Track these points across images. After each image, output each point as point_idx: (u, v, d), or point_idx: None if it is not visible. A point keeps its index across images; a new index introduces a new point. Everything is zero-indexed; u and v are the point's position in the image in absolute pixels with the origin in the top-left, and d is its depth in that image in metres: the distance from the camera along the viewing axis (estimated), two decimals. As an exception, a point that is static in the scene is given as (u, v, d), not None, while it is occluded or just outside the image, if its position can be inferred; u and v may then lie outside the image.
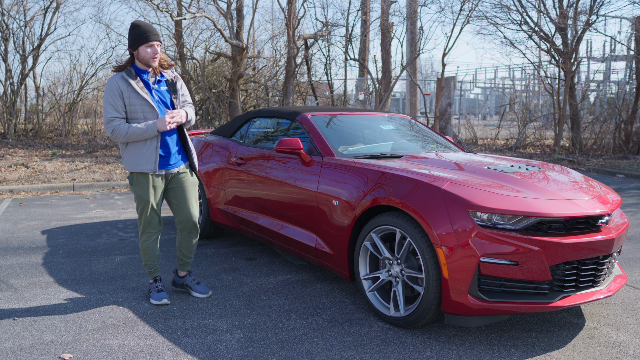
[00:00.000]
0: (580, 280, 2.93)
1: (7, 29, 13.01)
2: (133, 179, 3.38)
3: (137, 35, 3.26)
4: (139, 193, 3.38)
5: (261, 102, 15.27)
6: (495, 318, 3.00)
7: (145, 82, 3.36)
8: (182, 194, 3.50)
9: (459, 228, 2.79)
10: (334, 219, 3.51)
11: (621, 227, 3.17)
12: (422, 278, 2.95)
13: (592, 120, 15.61)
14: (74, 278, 4.05)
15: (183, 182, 3.50)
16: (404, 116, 4.99)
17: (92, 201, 7.55)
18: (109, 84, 3.27)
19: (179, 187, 3.49)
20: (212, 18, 11.76)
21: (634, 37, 14.17)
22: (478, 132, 18.18)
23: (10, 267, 4.33)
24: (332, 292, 3.76)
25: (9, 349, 2.83)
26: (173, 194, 3.51)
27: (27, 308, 3.42)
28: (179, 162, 3.48)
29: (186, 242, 3.60)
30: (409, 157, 3.74)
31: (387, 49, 15.62)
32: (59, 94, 14.24)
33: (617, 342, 2.98)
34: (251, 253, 4.78)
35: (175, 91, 3.47)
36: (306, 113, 4.30)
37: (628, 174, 10.58)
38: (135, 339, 2.97)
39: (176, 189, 3.49)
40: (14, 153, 11.01)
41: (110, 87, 3.26)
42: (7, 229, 5.72)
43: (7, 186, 8.37)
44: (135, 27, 3.29)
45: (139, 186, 3.37)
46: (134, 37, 3.27)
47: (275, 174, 4.14)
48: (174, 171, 3.47)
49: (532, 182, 3.17)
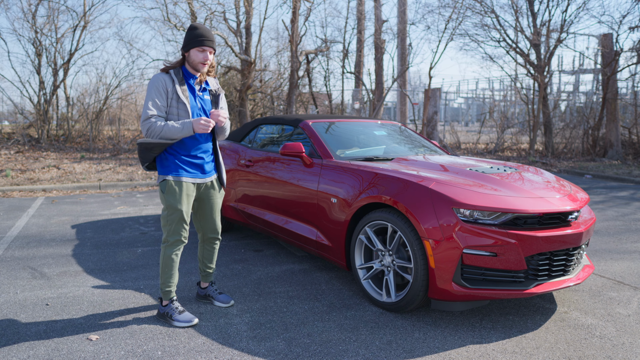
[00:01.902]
0: (552, 270, 2.93)
1: (40, 45, 13.02)
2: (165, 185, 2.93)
3: (192, 38, 2.85)
4: (170, 201, 2.91)
5: (267, 111, 15.26)
6: (477, 303, 3.01)
7: (191, 86, 2.94)
8: (210, 205, 3.11)
9: (444, 223, 2.79)
10: (333, 214, 3.51)
11: (589, 222, 3.17)
12: (411, 267, 2.95)
13: (563, 126, 15.62)
14: (100, 267, 4.05)
15: (212, 193, 3.09)
16: (395, 123, 4.98)
17: (116, 199, 7.55)
18: (155, 80, 2.82)
19: (207, 199, 3.08)
20: (224, 35, 11.76)
21: (600, 53, 14.17)
22: (461, 137, 18.16)
23: (43, 257, 4.32)
24: (330, 280, 3.76)
25: (43, 331, 2.83)
26: (200, 205, 3.10)
27: (59, 294, 3.42)
28: (211, 173, 3.07)
29: (209, 253, 3.23)
30: (400, 160, 3.74)
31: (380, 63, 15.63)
32: (87, 103, 14.24)
33: (585, 325, 2.98)
34: (258, 245, 4.77)
35: (217, 102, 3.02)
36: (308, 120, 4.30)
37: (595, 174, 10.58)
38: (155, 322, 2.97)
39: (204, 199, 3.08)
40: (46, 156, 11.00)
41: (156, 83, 2.82)
42: (40, 223, 5.71)
43: (40, 185, 8.37)
44: (193, 29, 2.87)
45: (170, 194, 2.91)
46: (189, 39, 2.86)
47: (280, 175, 4.14)
48: (207, 181, 3.05)
49: (510, 182, 3.17)
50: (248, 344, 2.68)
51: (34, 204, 7.03)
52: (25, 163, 10.08)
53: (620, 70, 13.49)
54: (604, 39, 13.64)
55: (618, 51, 13.22)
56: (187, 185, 2.92)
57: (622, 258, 4.41)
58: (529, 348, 2.67)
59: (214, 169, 3.09)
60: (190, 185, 2.94)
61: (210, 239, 3.21)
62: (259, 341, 2.72)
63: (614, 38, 13.49)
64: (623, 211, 6.58)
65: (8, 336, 2.75)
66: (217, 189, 3.12)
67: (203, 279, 3.31)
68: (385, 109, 28.32)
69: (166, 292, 2.99)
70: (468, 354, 2.59)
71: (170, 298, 3.01)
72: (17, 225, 5.59)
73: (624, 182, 9.73)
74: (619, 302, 3.35)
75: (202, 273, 3.29)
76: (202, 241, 3.24)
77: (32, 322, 2.95)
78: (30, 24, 12.88)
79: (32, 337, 2.74)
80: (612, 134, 13.62)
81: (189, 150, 2.92)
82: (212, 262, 3.27)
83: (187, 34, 2.89)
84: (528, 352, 2.62)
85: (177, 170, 2.90)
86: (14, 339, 2.72)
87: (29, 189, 8.17)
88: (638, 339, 2.79)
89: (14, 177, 8.92)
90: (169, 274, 2.97)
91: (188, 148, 2.92)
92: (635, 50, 13.25)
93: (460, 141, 16.04)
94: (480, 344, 2.71)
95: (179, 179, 2.89)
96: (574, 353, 2.62)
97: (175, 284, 3.01)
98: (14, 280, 3.70)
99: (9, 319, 2.98)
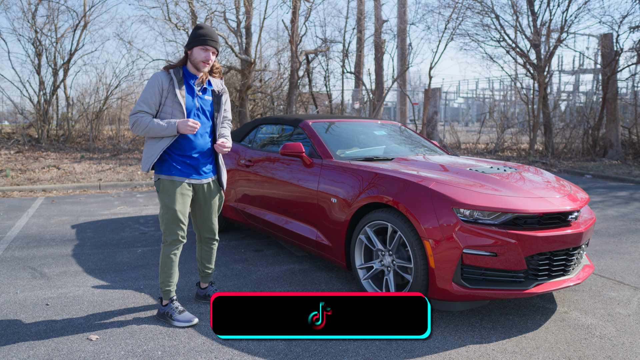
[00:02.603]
0: (552, 270, 2.93)
1: (40, 45, 13.01)
2: (159, 185, 2.95)
3: (196, 36, 2.86)
4: (164, 200, 2.92)
5: (267, 111, 15.25)
6: (477, 303, 3.01)
7: (191, 86, 2.94)
8: (207, 206, 3.10)
9: (444, 223, 2.79)
10: (333, 214, 3.51)
11: (589, 222, 3.17)
12: (411, 267, 2.94)
13: (563, 126, 15.62)
14: (100, 267, 4.05)
15: (209, 195, 3.08)
16: (394, 123, 4.98)
17: (116, 199, 7.55)
18: (153, 78, 2.86)
19: (204, 200, 3.07)
20: (224, 35, 11.77)
21: (600, 53, 14.17)
22: (461, 137, 18.16)
23: (43, 257, 4.32)
24: (330, 280, 3.76)
25: (43, 331, 2.83)
26: (197, 205, 3.09)
27: (59, 294, 3.42)
28: (209, 174, 3.06)
29: (207, 253, 3.23)
30: (400, 160, 3.74)
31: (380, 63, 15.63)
32: (87, 103, 14.23)
33: (585, 325, 2.98)
34: (258, 245, 4.77)
35: (219, 104, 3.03)
36: (308, 120, 4.30)
37: (595, 174, 10.58)
38: (154, 321, 2.97)
39: (201, 200, 3.07)
40: (46, 156, 11.00)
41: (152, 81, 2.85)
42: (40, 223, 5.71)
43: (40, 185, 8.37)
44: (198, 28, 2.89)
45: (164, 193, 2.92)
46: (193, 37, 2.87)
47: (280, 175, 4.14)
48: (204, 182, 3.04)
49: (510, 182, 3.17)
50: (248, 344, 2.68)
51: (34, 204, 7.03)
52: (25, 163, 10.08)
53: (620, 70, 13.49)
54: (604, 39, 13.65)
55: (618, 51, 13.22)
56: (180, 185, 2.92)
57: (622, 258, 4.41)
58: (529, 348, 2.67)
59: (212, 170, 3.08)
60: (185, 184, 2.94)
61: (207, 240, 3.21)
62: (259, 341, 2.72)
63: (614, 38, 13.49)
64: (623, 211, 6.58)
65: (8, 336, 2.76)
66: (216, 190, 3.12)
67: (202, 280, 3.31)
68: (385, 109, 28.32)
69: (166, 292, 2.99)
70: (468, 354, 2.59)
71: (170, 298, 3.00)
72: (17, 225, 5.59)
73: (624, 182, 9.73)
74: (619, 302, 3.35)
75: (201, 273, 3.29)
76: (199, 241, 3.24)
77: (32, 322, 2.95)
78: (30, 24, 12.88)
79: (32, 337, 2.74)
80: (612, 134, 13.62)
81: (184, 150, 2.93)
82: (211, 262, 3.27)
83: (192, 33, 2.92)
84: (528, 352, 2.62)
85: (170, 170, 2.92)
86: (14, 339, 2.72)
87: (29, 189, 8.17)
88: (638, 339, 2.79)
89: (14, 177, 8.92)
90: (168, 273, 2.96)
91: (183, 148, 2.93)
92: (635, 50, 13.26)
93: (460, 141, 16.04)
94: (480, 344, 2.71)
95: (171, 178, 2.91)
96: (574, 353, 2.62)
97: (174, 284, 3.01)
98: (14, 280, 3.70)
99: (9, 319, 2.98)
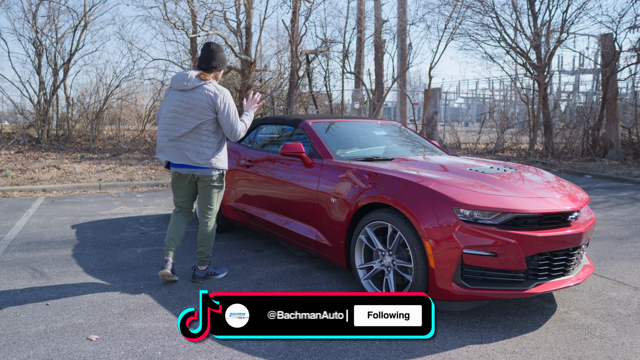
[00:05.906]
0: (552, 270, 2.93)
1: (40, 45, 13.01)
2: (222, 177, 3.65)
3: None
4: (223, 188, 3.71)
5: (267, 111, 15.26)
6: (477, 303, 3.01)
7: None
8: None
9: (444, 223, 2.79)
10: (333, 215, 3.51)
11: (589, 222, 3.17)
12: (411, 268, 2.95)
13: (563, 126, 15.62)
14: (100, 268, 4.05)
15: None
16: (395, 123, 4.98)
17: (116, 199, 7.55)
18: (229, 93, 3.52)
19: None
20: (224, 35, 11.78)
21: (600, 53, 14.17)
22: (461, 137, 18.16)
23: (43, 257, 4.32)
24: (330, 280, 3.76)
25: (42, 331, 2.83)
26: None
27: (59, 294, 3.42)
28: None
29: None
30: (400, 160, 3.74)
31: (380, 63, 15.63)
32: (87, 103, 14.23)
33: (585, 325, 2.98)
34: (259, 245, 4.77)
35: None
36: (308, 120, 4.30)
37: (595, 174, 10.58)
38: (155, 322, 2.97)
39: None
40: (46, 156, 11.00)
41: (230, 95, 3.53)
42: (40, 223, 5.71)
43: (40, 185, 8.37)
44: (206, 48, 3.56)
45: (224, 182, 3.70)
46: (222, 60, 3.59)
47: (280, 175, 4.14)
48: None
49: (510, 182, 3.17)
50: (248, 344, 2.68)
51: (34, 204, 7.03)
52: (25, 163, 10.08)
53: (620, 70, 13.49)
54: (603, 39, 13.64)
55: (618, 51, 13.22)
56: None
57: (622, 258, 4.41)
58: (529, 348, 2.67)
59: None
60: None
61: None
62: (259, 341, 2.72)
63: (613, 38, 13.49)
64: (623, 211, 6.58)
65: (8, 336, 2.75)
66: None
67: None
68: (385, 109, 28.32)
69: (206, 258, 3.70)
70: (468, 354, 2.59)
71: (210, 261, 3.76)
72: (17, 226, 5.59)
73: (624, 182, 9.73)
74: (619, 302, 3.35)
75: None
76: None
77: (32, 322, 2.95)
78: (30, 24, 12.88)
79: (32, 337, 2.74)
80: (612, 134, 13.62)
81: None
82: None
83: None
84: (528, 352, 2.62)
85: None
86: (14, 339, 2.72)
87: (29, 189, 8.17)
88: (638, 339, 2.79)
89: (14, 177, 8.92)
90: (212, 244, 3.79)
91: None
92: (634, 50, 13.25)
93: (460, 141, 16.04)
94: (480, 344, 2.71)
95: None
96: (574, 353, 2.62)
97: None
98: (14, 280, 3.70)
99: (9, 319, 2.98)
